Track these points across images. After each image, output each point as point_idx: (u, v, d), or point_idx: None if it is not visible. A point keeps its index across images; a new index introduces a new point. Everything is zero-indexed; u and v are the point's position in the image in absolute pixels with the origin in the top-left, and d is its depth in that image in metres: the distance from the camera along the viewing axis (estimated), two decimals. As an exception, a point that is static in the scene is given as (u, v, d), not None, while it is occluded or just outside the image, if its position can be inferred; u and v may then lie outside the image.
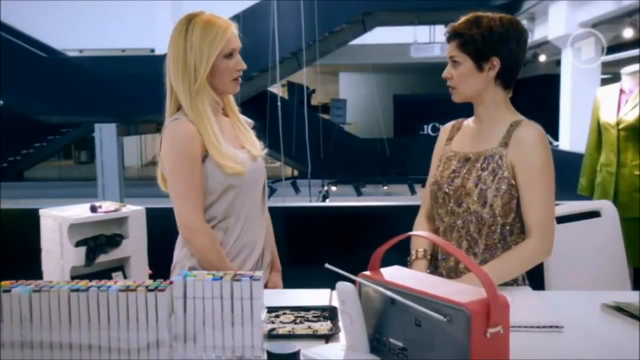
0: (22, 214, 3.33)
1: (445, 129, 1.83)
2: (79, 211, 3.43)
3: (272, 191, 9.10)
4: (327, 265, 1.23)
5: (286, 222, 3.10)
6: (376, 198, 9.70)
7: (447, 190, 1.68)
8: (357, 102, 15.16)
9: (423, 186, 10.14)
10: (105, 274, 3.26)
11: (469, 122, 1.77)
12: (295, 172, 11.58)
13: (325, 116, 13.14)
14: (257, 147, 1.82)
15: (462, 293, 1.06)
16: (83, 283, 1.20)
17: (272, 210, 1.92)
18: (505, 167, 1.60)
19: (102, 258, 3.32)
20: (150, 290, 1.17)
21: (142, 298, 1.16)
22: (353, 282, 1.21)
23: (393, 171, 10.58)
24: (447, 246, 1.15)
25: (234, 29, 1.74)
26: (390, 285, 1.14)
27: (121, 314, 1.17)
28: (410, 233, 1.23)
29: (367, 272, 1.22)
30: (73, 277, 1.86)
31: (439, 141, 1.82)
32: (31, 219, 2.86)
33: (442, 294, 1.05)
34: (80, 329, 1.17)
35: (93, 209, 3.41)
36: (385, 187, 10.40)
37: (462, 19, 1.67)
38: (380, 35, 11.17)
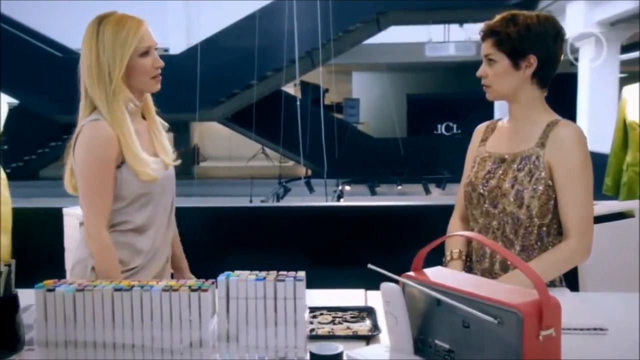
0: (44, 212, 3.34)
1: (479, 129, 1.81)
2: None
3: (286, 191, 9.09)
4: (369, 266, 1.22)
5: (309, 222, 3.09)
6: (390, 198, 9.66)
7: (481, 191, 1.66)
8: (370, 101, 15.13)
9: (437, 186, 10.15)
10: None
11: (503, 122, 1.75)
12: (308, 172, 11.57)
13: (338, 115, 13.12)
14: (170, 155, 1.79)
15: (512, 294, 1.04)
16: (126, 283, 1.20)
17: (293, 209, 1.91)
18: (543, 168, 1.58)
19: (125, 256, 3.32)
20: (194, 290, 1.16)
21: (185, 298, 1.16)
22: (396, 282, 1.20)
23: (407, 171, 10.54)
24: (495, 246, 1.13)
25: (147, 26, 1.70)
26: (436, 286, 1.13)
27: (164, 313, 1.17)
28: (457, 233, 1.22)
29: (411, 273, 1.20)
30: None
31: (472, 142, 1.81)
32: (53, 218, 2.87)
33: (492, 295, 1.04)
34: (124, 328, 1.17)
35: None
36: (399, 187, 10.36)
37: (497, 17, 1.65)
38: (395, 35, 11.13)
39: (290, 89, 12.79)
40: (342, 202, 6.61)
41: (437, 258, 1.66)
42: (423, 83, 15.61)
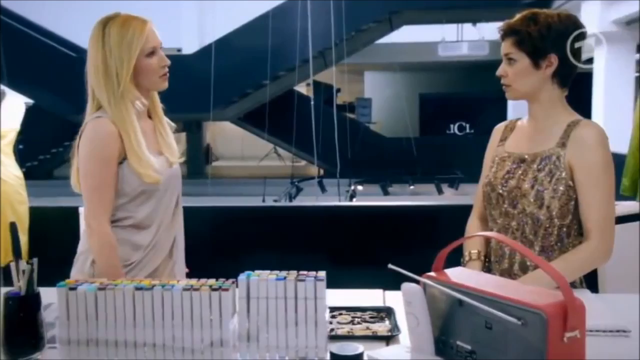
0: (60, 211, 3.37)
1: (498, 129, 1.80)
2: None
3: (298, 190, 9.09)
4: (390, 266, 1.21)
5: (325, 221, 3.09)
6: (403, 198, 9.63)
7: (501, 191, 1.65)
8: (382, 101, 15.09)
9: (450, 186, 10.10)
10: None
11: (522, 122, 1.74)
12: (320, 171, 11.56)
13: (350, 115, 13.10)
14: (175, 154, 1.81)
15: (536, 295, 1.03)
16: (146, 282, 1.20)
17: (310, 209, 1.91)
18: (563, 168, 1.56)
19: (140, 256, 3.33)
20: (215, 290, 1.16)
21: (206, 297, 1.16)
22: (417, 282, 1.19)
23: (419, 170, 10.50)
24: (518, 246, 1.12)
25: (151, 26, 1.71)
26: (458, 286, 1.12)
27: (185, 313, 1.17)
28: (479, 234, 1.21)
29: (432, 273, 1.20)
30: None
31: (491, 142, 1.79)
32: (68, 217, 2.89)
33: (516, 296, 1.03)
34: (144, 327, 1.17)
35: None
36: (412, 187, 10.32)
37: (517, 15, 1.64)
38: (407, 34, 11.10)
39: (303, 88, 12.79)
40: (358, 202, 6.61)
41: (455, 258, 1.65)
42: (436, 83, 15.56)
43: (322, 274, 1.19)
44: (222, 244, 3.67)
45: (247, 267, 1.29)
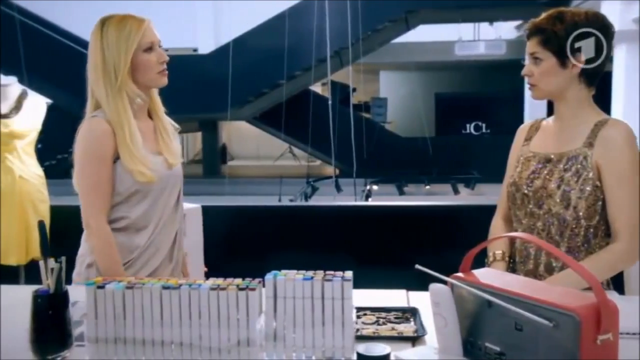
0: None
1: (523, 129, 1.78)
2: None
3: (313, 190, 9.09)
4: (417, 266, 1.21)
5: (345, 221, 3.09)
6: (418, 197, 9.59)
7: (526, 191, 1.63)
8: (398, 100, 15.05)
9: (466, 186, 10.04)
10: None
11: (548, 121, 1.72)
12: (336, 171, 11.55)
13: (365, 115, 13.08)
14: (175, 155, 1.80)
15: (567, 297, 1.02)
16: (174, 281, 1.20)
17: (330, 209, 1.91)
18: (591, 168, 1.54)
19: (160, 255, 3.33)
20: (241, 289, 1.16)
21: (233, 297, 1.16)
22: (444, 283, 1.18)
23: (435, 170, 10.45)
24: (548, 246, 1.11)
25: (149, 24, 1.74)
26: (487, 287, 1.11)
27: (212, 312, 1.17)
28: (508, 234, 1.20)
29: (460, 274, 1.19)
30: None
31: (515, 141, 1.78)
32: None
33: (547, 298, 1.02)
34: (172, 326, 1.17)
35: (152, 206, 3.43)
36: (427, 187, 10.28)
37: (544, 14, 1.62)
38: (423, 33, 11.05)
39: (318, 88, 12.78)
40: (379, 202, 6.59)
41: (478, 259, 1.64)
42: (452, 82, 15.48)
43: (348, 274, 1.18)
44: (240, 243, 3.68)
45: (267, 267, 1.28)
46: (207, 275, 1.95)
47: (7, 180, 3.23)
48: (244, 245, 3.66)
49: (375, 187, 9.28)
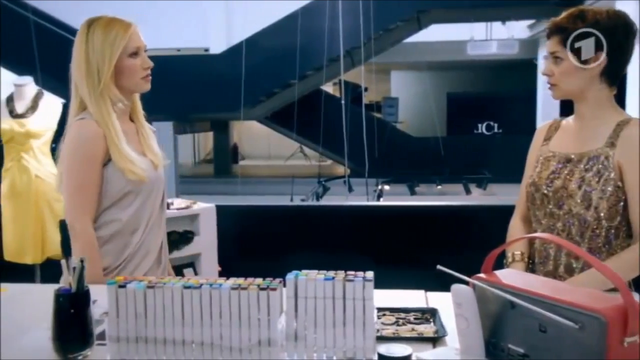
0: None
1: (542, 129, 1.76)
2: (153, 208, 3.45)
3: (325, 190, 9.09)
4: (438, 267, 1.20)
5: (360, 222, 3.09)
6: (430, 198, 9.57)
7: (545, 191, 1.62)
8: (409, 100, 15.01)
9: (478, 186, 9.99)
10: (176, 270, 3.31)
11: (568, 121, 1.70)
12: (347, 171, 11.54)
13: (377, 115, 13.06)
14: (159, 156, 1.81)
15: (593, 298, 1.01)
16: (194, 280, 1.20)
17: (344, 209, 1.91)
18: (612, 168, 1.53)
19: (174, 254, 3.37)
20: (263, 289, 1.16)
21: (254, 296, 1.16)
22: (466, 283, 1.18)
23: (447, 170, 10.41)
24: (573, 247, 1.10)
25: (135, 28, 1.73)
26: (510, 288, 1.10)
27: (233, 312, 1.17)
28: (529, 235, 1.19)
29: (482, 275, 1.18)
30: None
31: (534, 141, 1.76)
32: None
33: (572, 299, 1.01)
34: (193, 325, 1.17)
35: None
36: (439, 187, 10.25)
37: (564, 13, 1.60)
38: (435, 33, 11.01)
39: (329, 88, 12.77)
40: (393, 202, 6.58)
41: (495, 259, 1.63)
42: (464, 82, 15.41)
43: (369, 274, 1.18)
44: (253, 243, 3.68)
45: (281, 266, 1.28)
46: (221, 275, 1.95)
47: (23, 180, 3.26)
48: (256, 244, 3.67)
49: (386, 187, 9.27)
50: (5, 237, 3.37)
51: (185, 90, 9.96)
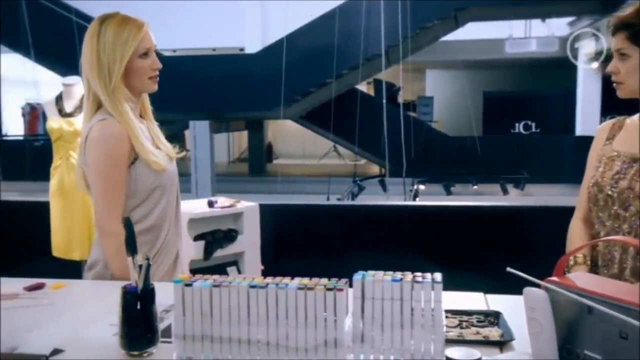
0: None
1: (604, 128, 1.71)
2: (197, 206, 3.51)
3: (360, 189, 9.06)
4: (508, 269, 1.17)
5: (404, 222, 3.06)
6: (466, 198, 9.46)
7: (610, 192, 1.57)
8: (444, 99, 14.87)
9: (515, 186, 9.83)
10: (220, 268, 3.34)
11: (633, 120, 1.65)
12: (382, 170, 11.48)
13: (412, 114, 12.97)
14: (171, 150, 1.83)
15: (678, 305, 0.97)
16: (259, 280, 1.20)
17: (402, 209, 1.88)
18: (682, 168, 1.47)
19: (218, 253, 3.39)
20: (329, 290, 1.15)
21: (321, 297, 1.15)
22: (536, 286, 1.14)
23: (483, 170, 10.28)
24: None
25: (147, 29, 1.72)
26: (587, 292, 1.07)
27: (299, 312, 1.16)
28: (608, 238, 1.15)
29: (555, 278, 1.14)
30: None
31: (596, 141, 1.71)
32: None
33: (657, 305, 0.97)
34: (258, 325, 1.17)
35: (210, 204, 3.48)
36: (475, 187, 10.12)
37: (631, 8, 1.55)
38: (472, 31, 10.87)
39: (363, 87, 12.73)
40: (433, 202, 6.53)
41: (552, 262, 1.59)
42: (500, 80, 15.19)
43: (438, 276, 1.16)
44: (293, 242, 3.68)
45: (325, 265, 1.27)
46: (264, 274, 1.94)
47: (72, 177, 3.32)
48: (296, 243, 3.66)
49: (422, 187, 9.19)
50: (53, 234, 3.44)
51: (221, 89, 10.04)
